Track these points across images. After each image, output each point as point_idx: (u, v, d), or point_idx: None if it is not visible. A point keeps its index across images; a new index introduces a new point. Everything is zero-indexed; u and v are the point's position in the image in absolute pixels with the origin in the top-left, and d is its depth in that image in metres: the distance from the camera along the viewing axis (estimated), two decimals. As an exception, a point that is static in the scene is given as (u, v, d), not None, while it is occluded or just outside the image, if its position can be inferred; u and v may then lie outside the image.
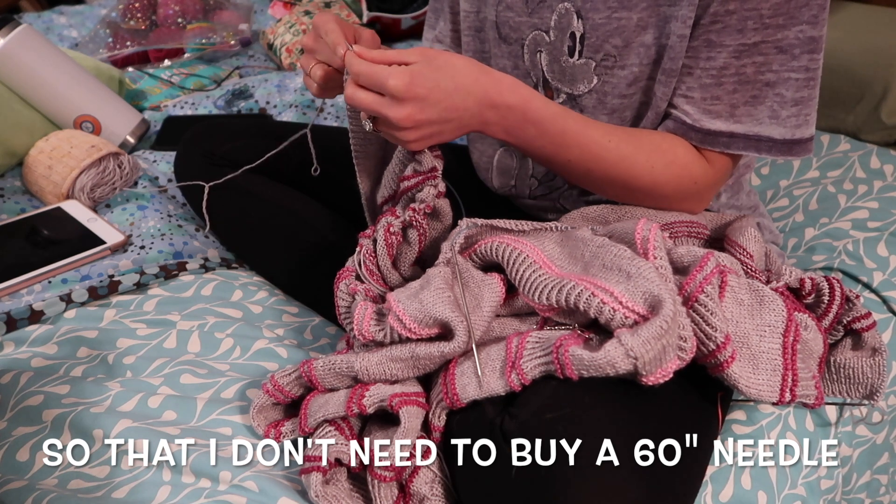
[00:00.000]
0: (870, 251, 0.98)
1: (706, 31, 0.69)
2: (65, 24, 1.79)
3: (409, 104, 0.62)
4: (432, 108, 0.63)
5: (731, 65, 0.69)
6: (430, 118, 0.63)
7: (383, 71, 0.62)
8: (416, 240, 0.71)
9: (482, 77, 0.65)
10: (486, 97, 0.65)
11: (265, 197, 0.95)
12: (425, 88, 0.62)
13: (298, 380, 0.68)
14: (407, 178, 0.73)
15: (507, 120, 0.67)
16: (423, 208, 0.70)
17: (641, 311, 0.56)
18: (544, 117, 0.68)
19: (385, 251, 0.70)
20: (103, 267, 0.92)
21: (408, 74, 0.61)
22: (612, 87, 0.77)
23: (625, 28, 0.73)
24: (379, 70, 0.62)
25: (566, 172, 0.75)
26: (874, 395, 0.72)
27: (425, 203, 0.70)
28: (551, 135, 0.70)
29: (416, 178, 0.72)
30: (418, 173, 0.72)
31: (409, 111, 0.62)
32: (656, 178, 0.73)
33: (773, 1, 0.66)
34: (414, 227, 0.70)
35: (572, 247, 0.66)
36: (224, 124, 1.05)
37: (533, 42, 0.81)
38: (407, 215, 0.70)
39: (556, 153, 0.71)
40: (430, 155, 0.71)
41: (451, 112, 0.64)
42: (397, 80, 0.61)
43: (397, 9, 1.71)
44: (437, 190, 0.70)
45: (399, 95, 0.61)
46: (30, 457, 0.68)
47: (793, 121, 0.70)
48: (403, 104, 0.62)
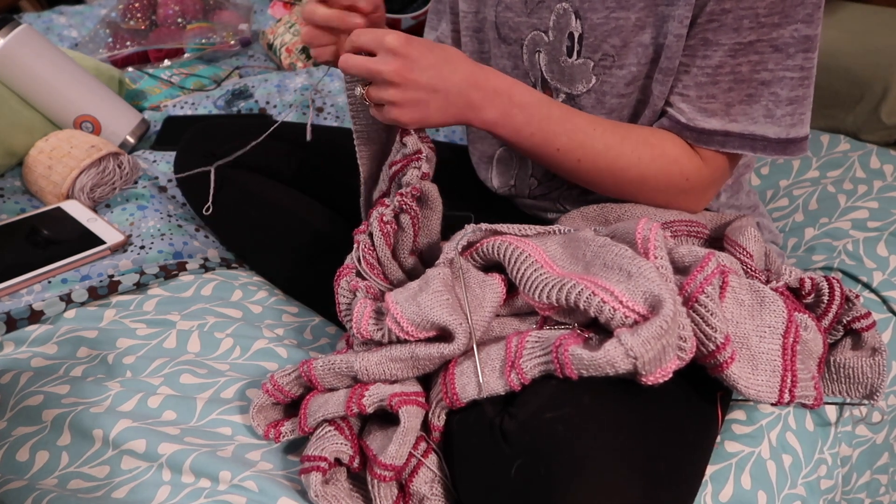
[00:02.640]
0: (870, 251, 0.98)
1: (702, 29, 0.69)
2: (65, 24, 1.79)
3: (400, 59, 0.65)
4: (421, 70, 0.66)
5: (726, 63, 0.69)
6: (417, 79, 0.66)
7: (382, 31, 0.66)
8: (409, 223, 0.71)
9: (469, 60, 0.69)
10: (473, 77, 0.68)
11: (265, 197, 0.95)
12: (418, 51, 0.66)
13: (298, 380, 0.68)
14: (395, 163, 0.74)
15: (493, 104, 0.69)
16: (410, 191, 0.70)
17: (641, 311, 0.56)
18: (529, 101, 0.70)
19: (382, 241, 0.70)
20: (103, 267, 0.92)
21: (404, 36, 0.65)
22: (610, 86, 0.77)
23: (623, 28, 0.73)
24: (375, 32, 0.66)
25: (557, 165, 0.75)
26: (874, 395, 0.72)
27: (411, 185, 0.70)
28: (538, 120, 0.71)
29: (402, 162, 0.73)
30: (405, 157, 0.72)
31: (400, 65, 0.65)
32: (643, 170, 0.74)
33: (768, 0, 0.66)
34: (405, 212, 0.70)
35: (574, 247, 0.66)
36: (224, 124, 1.05)
37: (532, 42, 0.81)
38: (396, 201, 0.70)
39: (545, 141, 0.72)
40: (415, 137, 0.72)
41: (439, 81, 0.67)
42: (394, 36, 0.65)
43: (397, 9, 1.71)
44: (420, 172, 0.71)
45: (394, 50, 0.65)
46: (30, 457, 0.68)
47: (787, 120, 0.70)
48: (395, 58, 0.65)
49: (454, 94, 0.68)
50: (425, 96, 0.67)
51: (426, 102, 0.68)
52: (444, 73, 0.67)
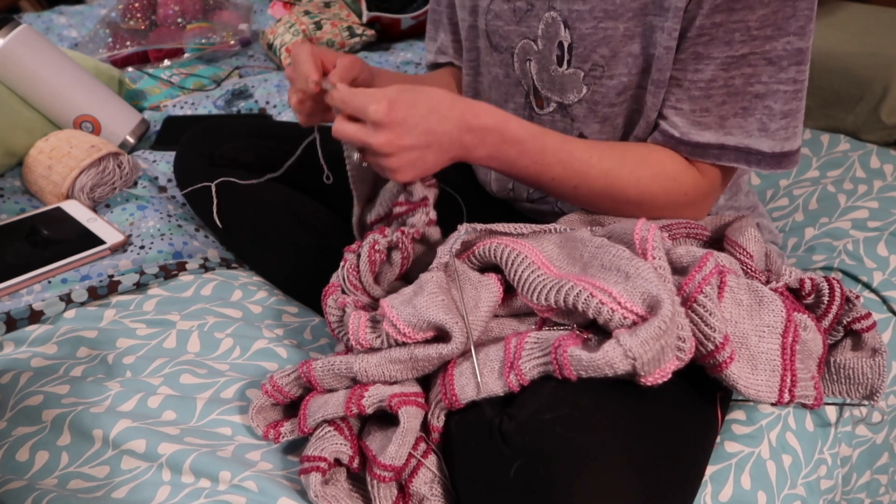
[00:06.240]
0: (870, 251, 0.98)
1: (693, 43, 0.68)
2: (65, 24, 1.79)
3: (388, 129, 0.64)
4: (411, 131, 0.64)
5: (719, 77, 0.69)
6: (410, 143, 0.65)
7: (364, 97, 0.65)
8: (398, 262, 0.72)
9: (457, 102, 0.67)
10: (463, 120, 0.67)
11: (265, 198, 0.95)
12: (403, 111, 0.64)
13: (297, 380, 0.68)
14: (399, 203, 0.75)
15: (486, 142, 0.68)
16: (413, 233, 0.71)
17: (640, 312, 0.56)
18: (522, 137, 0.69)
19: (367, 268, 0.71)
20: (103, 267, 0.92)
21: (385, 100, 0.64)
22: (601, 96, 0.76)
23: (611, 38, 0.73)
24: (360, 97, 0.65)
25: (555, 191, 0.75)
26: (874, 396, 0.72)
27: (415, 228, 0.71)
28: (532, 153, 0.70)
29: (408, 206, 0.74)
30: (411, 203, 0.73)
31: (389, 136, 0.64)
32: (643, 190, 0.73)
33: (760, 13, 0.65)
34: (399, 250, 0.71)
35: (571, 248, 0.66)
36: (224, 124, 1.05)
37: (522, 51, 0.81)
38: (395, 236, 0.71)
39: (541, 172, 0.72)
40: (420, 185, 0.72)
41: (430, 136, 0.66)
42: (377, 105, 0.63)
43: (397, 9, 1.71)
44: (428, 217, 0.72)
45: (379, 120, 0.64)
46: (30, 457, 0.68)
47: (782, 133, 0.70)
48: (383, 129, 0.64)
49: (447, 143, 0.67)
50: (419, 154, 0.67)
51: (422, 159, 0.67)
52: (433, 126, 0.66)
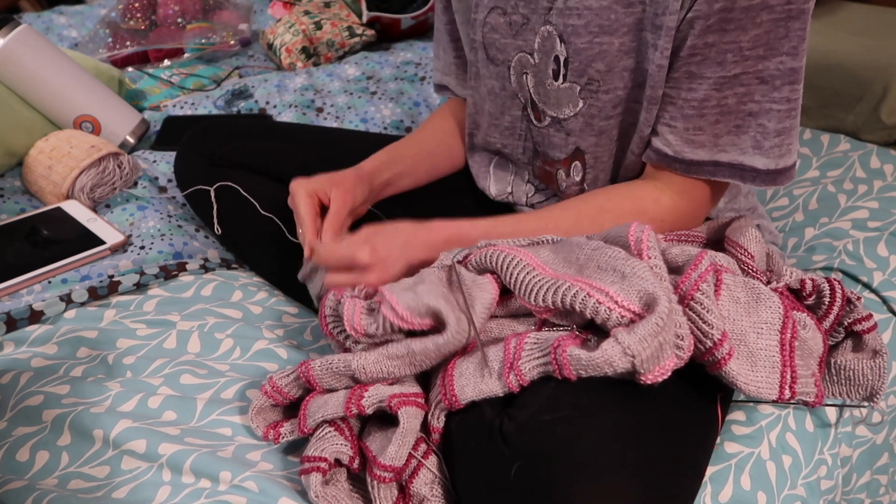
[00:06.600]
0: (870, 251, 0.98)
1: (686, 63, 0.68)
2: (65, 24, 1.79)
3: (377, 267, 0.72)
4: (395, 264, 0.72)
5: (712, 96, 0.69)
6: (396, 272, 0.72)
7: (347, 249, 0.72)
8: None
9: (419, 230, 0.74)
10: (429, 243, 0.74)
11: (265, 197, 0.95)
12: (384, 251, 0.72)
13: (297, 381, 0.68)
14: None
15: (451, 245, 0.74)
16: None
17: (637, 310, 0.56)
18: (479, 235, 0.75)
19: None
20: (103, 267, 0.92)
21: (367, 245, 0.72)
22: (598, 109, 0.77)
23: (607, 53, 0.73)
24: (343, 250, 0.72)
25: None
26: (874, 397, 0.72)
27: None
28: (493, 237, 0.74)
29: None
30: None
31: (380, 273, 0.71)
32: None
33: (752, 33, 0.65)
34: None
35: (567, 252, 0.66)
36: (224, 124, 1.05)
37: (519, 64, 0.81)
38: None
39: None
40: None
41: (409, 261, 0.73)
42: (362, 250, 0.71)
43: (397, 9, 1.71)
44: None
45: (367, 262, 0.71)
46: (30, 457, 0.68)
47: (776, 151, 0.70)
48: (373, 269, 0.71)
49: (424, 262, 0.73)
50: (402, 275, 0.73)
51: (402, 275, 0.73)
52: (409, 256, 0.73)
